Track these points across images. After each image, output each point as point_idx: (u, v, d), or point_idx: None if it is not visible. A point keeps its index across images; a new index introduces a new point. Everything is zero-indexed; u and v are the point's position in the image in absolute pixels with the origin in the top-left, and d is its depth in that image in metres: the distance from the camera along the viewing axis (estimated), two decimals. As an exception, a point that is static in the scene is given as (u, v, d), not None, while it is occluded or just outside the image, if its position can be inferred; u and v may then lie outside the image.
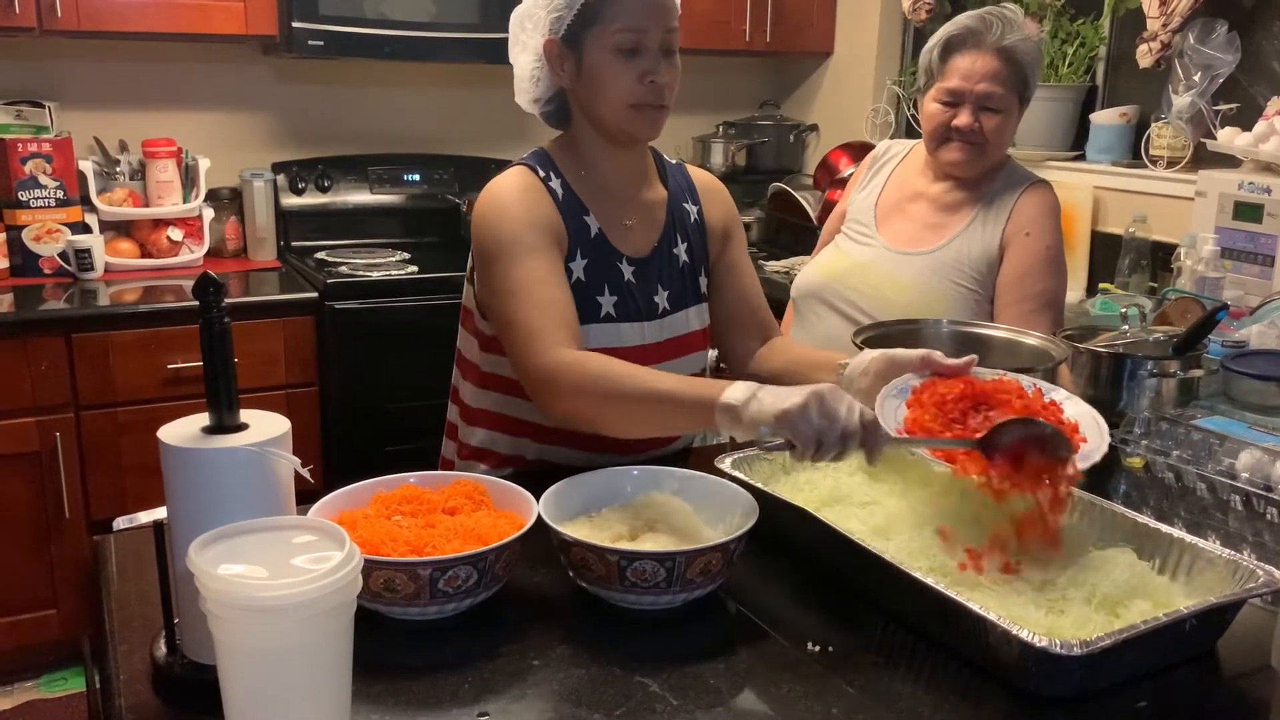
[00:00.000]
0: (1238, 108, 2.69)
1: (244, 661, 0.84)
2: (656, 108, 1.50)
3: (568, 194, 1.55)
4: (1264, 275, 2.46)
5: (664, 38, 1.49)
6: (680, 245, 1.64)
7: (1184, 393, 1.74)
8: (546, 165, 1.56)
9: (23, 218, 2.93)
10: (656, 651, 1.09)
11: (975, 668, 1.06)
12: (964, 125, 1.93)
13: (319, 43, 3.01)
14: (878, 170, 2.15)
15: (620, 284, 1.56)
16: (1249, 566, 1.11)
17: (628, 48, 1.47)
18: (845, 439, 1.16)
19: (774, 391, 1.21)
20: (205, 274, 0.99)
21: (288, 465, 1.00)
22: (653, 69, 1.48)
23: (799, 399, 1.16)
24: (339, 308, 2.92)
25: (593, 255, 1.54)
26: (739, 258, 1.73)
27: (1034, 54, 1.96)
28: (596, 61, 1.48)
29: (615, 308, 1.55)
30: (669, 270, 1.62)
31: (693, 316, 1.65)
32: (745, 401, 1.20)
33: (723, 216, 1.71)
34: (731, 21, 3.64)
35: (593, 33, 1.47)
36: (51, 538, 2.73)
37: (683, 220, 1.66)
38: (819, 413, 1.16)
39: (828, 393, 1.17)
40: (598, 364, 1.37)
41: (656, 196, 1.64)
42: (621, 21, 1.46)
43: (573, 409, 1.39)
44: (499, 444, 1.62)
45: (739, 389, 1.22)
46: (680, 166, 1.72)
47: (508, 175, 1.54)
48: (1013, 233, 1.95)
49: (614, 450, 1.52)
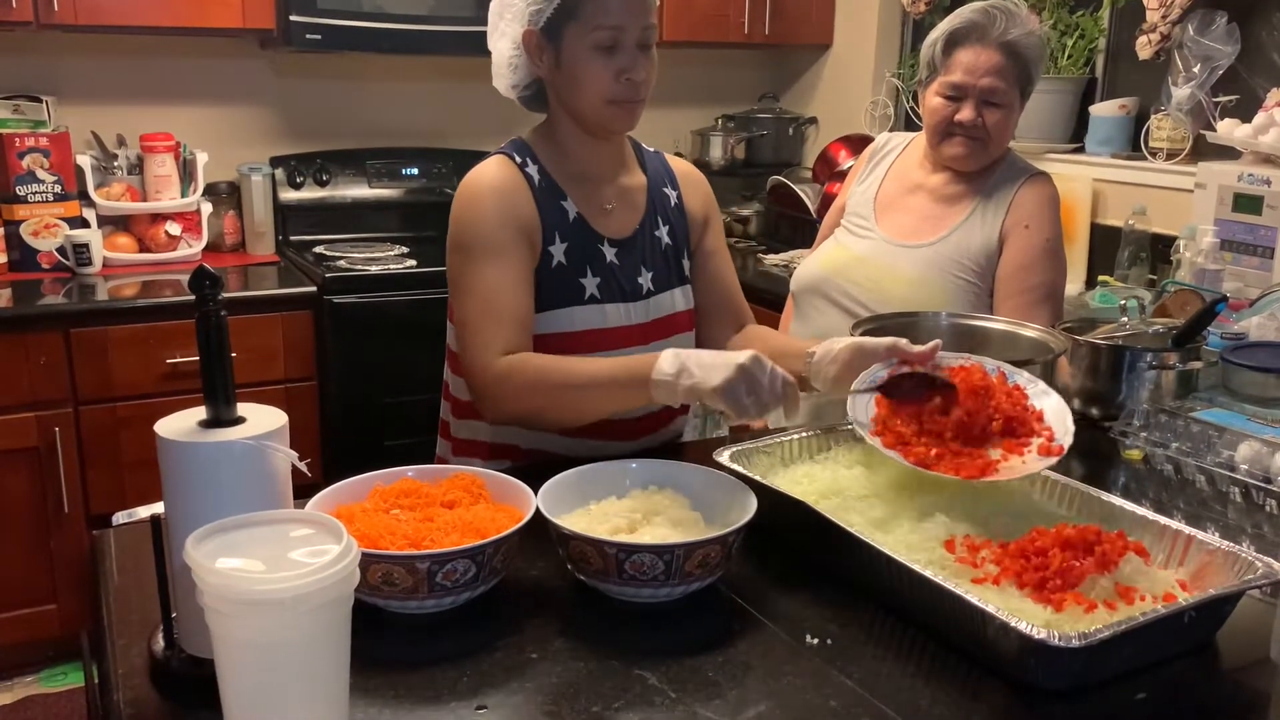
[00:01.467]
0: (1237, 99, 2.69)
1: (242, 655, 0.84)
2: (633, 102, 1.53)
3: (545, 180, 1.57)
4: (1263, 267, 2.45)
5: (641, 34, 1.51)
6: (662, 228, 1.67)
7: (1183, 385, 1.74)
8: (524, 152, 1.59)
9: (20, 213, 2.93)
10: (655, 644, 1.09)
11: (974, 660, 1.06)
12: (967, 120, 1.93)
13: (316, 36, 3.01)
14: (877, 163, 2.15)
15: (603, 266, 1.59)
16: (1248, 558, 1.11)
17: (606, 45, 1.49)
18: (768, 405, 1.32)
19: (701, 363, 1.33)
20: (201, 268, 0.99)
21: (285, 459, 1.00)
22: (630, 66, 1.50)
23: (726, 375, 1.29)
24: (337, 302, 2.92)
25: (572, 239, 1.57)
26: (717, 246, 1.76)
27: (1037, 49, 1.95)
28: (575, 56, 1.50)
29: (599, 289, 1.58)
30: (651, 252, 1.64)
31: (678, 297, 1.68)
32: (677, 375, 1.33)
33: (702, 204, 1.74)
34: (730, 14, 3.63)
35: (572, 27, 1.49)
36: (50, 533, 2.73)
37: (663, 204, 1.68)
38: (747, 389, 1.30)
39: (751, 364, 1.30)
40: (534, 364, 1.45)
41: (636, 182, 1.67)
42: (600, 19, 1.48)
43: (516, 411, 1.48)
44: (490, 434, 1.63)
45: (668, 362, 1.34)
46: (658, 154, 1.74)
47: (486, 166, 1.57)
48: (1012, 225, 1.94)
49: (606, 436, 1.56)
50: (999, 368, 1.41)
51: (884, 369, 1.40)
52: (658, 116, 3.93)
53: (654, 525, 1.20)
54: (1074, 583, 1.08)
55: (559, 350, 1.53)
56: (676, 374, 1.33)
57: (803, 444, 1.45)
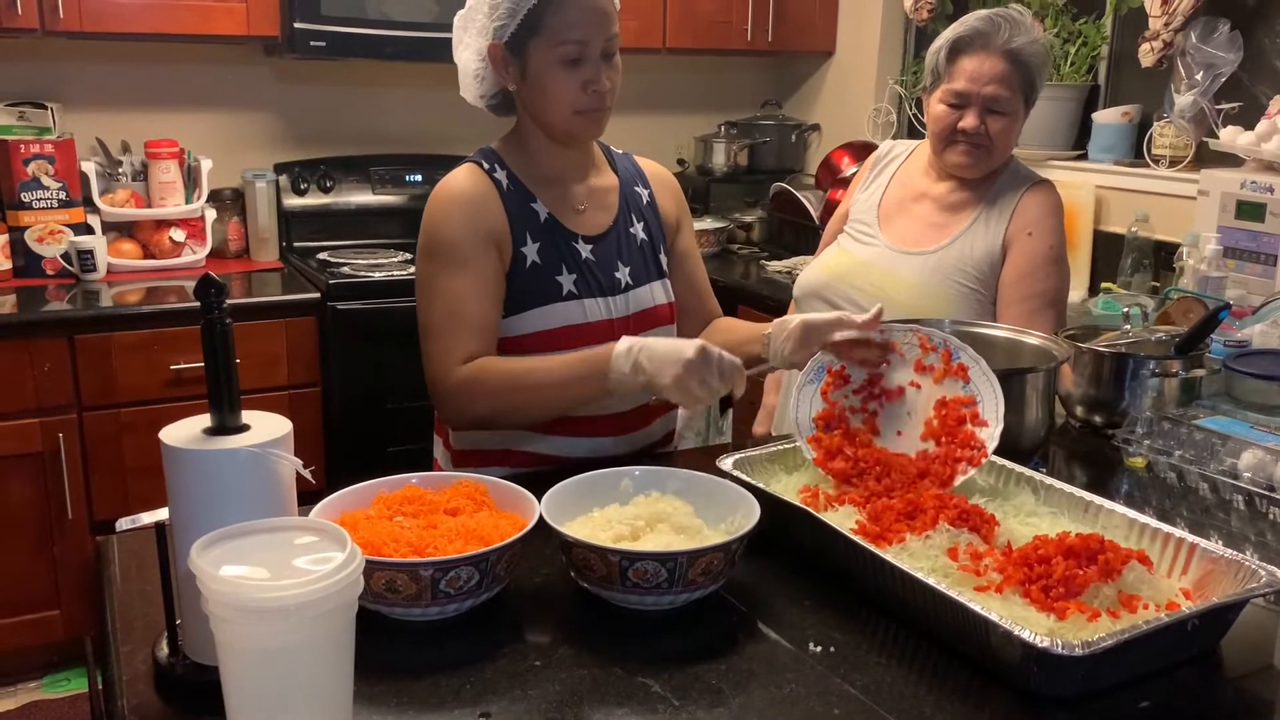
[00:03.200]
0: (1240, 107, 2.69)
1: (246, 662, 0.84)
2: (600, 110, 1.56)
3: (514, 184, 1.60)
4: (1266, 274, 2.45)
5: (605, 44, 1.53)
6: (636, 225, 1.69)
7: (1186, 392, 1.74)
8: (492, 159, 1.62)
9: (25, 219, 2.93)
10: (658, 652, 1.09)
11: (977, 668, 1.06)
12: (970, 127, 1.93)
13: (321, 43, 3.02)
14: (881, 170, 2.15)
15: (578, 262, 1.61)
16: (1251, 566, 1.11)
17: (571, 58, 1.52)
18: (716, 390, 1.38)
19: (652, 358, 1.39)
20: (206, 275, 0.99)
21: (289, 466, 1.00)
22: (595, 78, 1.53)
23: (675, 371, 1.36)
24: (341, 308, 2.92)
25: (545, 239, 1.59)
26: (690, 246, 1.80)
27: (1041, 56, 1.95)
28: (540, 70, 1.53)
29: (577, 285, 1.60)
30: (627, 247, 1.67)
31: (658, 290, 1.70)
32: (632, 371, 1.40)
33: (674, 203, 1.78)
34: (733, 21, 3.64)
35: (536, 42, 1.52)
36: (54, 538, 2.73)
37: (635, 202, 1.71)
38: (698, 381, 1.37)
39: (697, 357, 1.36)
40: (494, 367, 1.50)
41: (607, 183, 1.70)
42: (564, 33, 1.50)
43: (478, 414, 1.53)
44: (487, 441, 1.64)
45: (621, 359, 1.41)
46: (627, 155, 1.77)
47: (455, 175, 1.61)
48: (1015, 232, 1.94)
49: (595, 433, 1.61)
50: (945, 341, 1.46)
51: (832, 358, 1.51)
52: (660, 123, 3.97)
53: (657, 533, 1.20)
54: (1077, 591, 1.08)
55: (541, 349, 1.55)
56: (631, 371, 1.40)
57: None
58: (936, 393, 1.44)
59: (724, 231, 3.75)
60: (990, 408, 1.39)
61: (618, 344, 1.43)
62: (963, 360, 1.43)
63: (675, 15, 3.53)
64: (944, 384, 1.44)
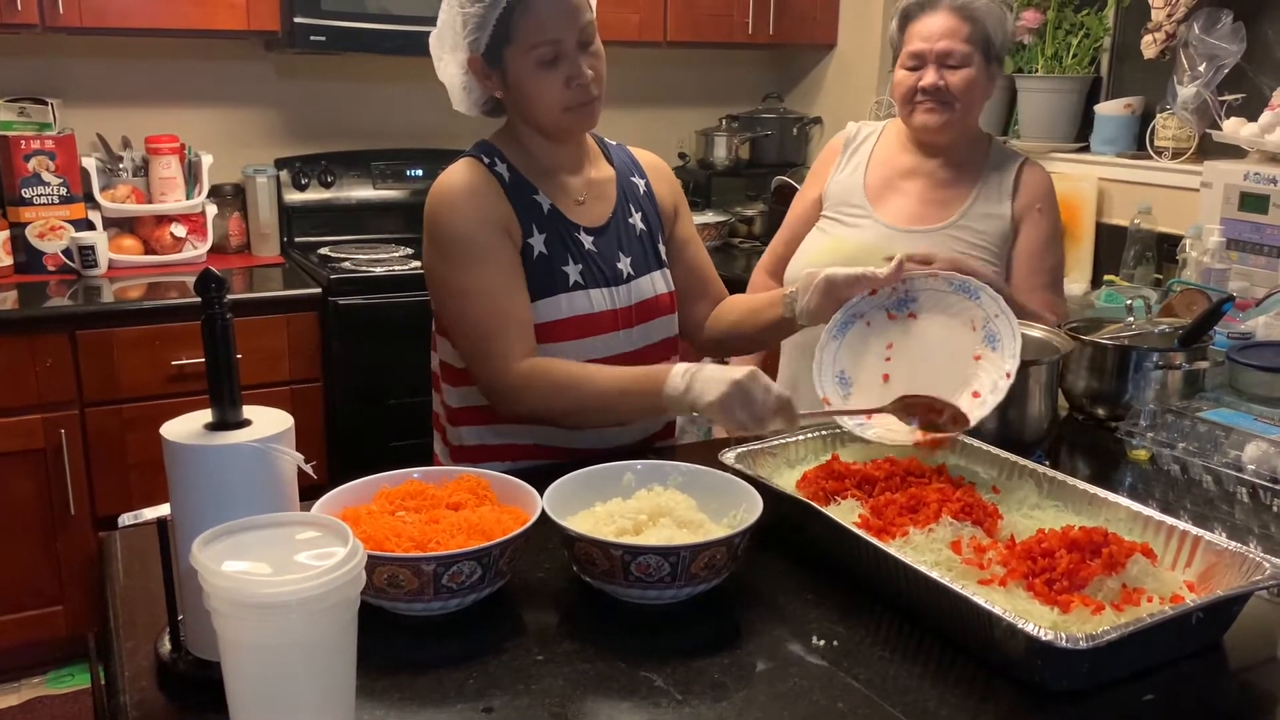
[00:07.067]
0: (1243, 98, 2.68)
1: (248, 658, 0.84)
2: (589, 102, 1.54)
3: (515, 176, 1.59)
4: (1270, 266, 2.45)
5: (580, 35, 1.51)
6: (635, 215, 1.69)
7: (1190, 385, 1.74)
8: (491, 153, 1.61)
9: (26, 215, 2.93)
10: (661, 646, 1.09)
11: (981, 661, 1.06)
12: (929, 84, 1.95)
13: (321, 38, 3.01)
14: (854, 151, 2.15)
15: (583, 252, 1.61)
16: (1255, 559, 1.10)
17: (549, 59, 1.50)
18: (763, 420, 1.36)
19: (705, 379, 1.38)
20: (207, 270, 0.99)
21: (291, 461, 1.00)
22: (576, 73, 1.51)
23: (721, 390, 1.35)
24: (342, 303, 2.92)
25: (550, 229, 1.59)
26: (690, 233, 1.80)
27: (993, 11, 1.96)
28: (521, 76, 1.52)
29: (582, 275, 1.60)
30: (627, 238, 1.66)
31: (658, 280, 1.70)
32: (684, 393, 1.39)
33: (670, 193, 1.78)
34: (734, 14, 3.63)
35: (510, 50, 1.51)
36: (57, 534, 2.74)
37: (633, 193, 1.71)
38: (741, 404, 1.35)
39: (747, 381, 1.35)
40: (556, 371, 1.49)
41: (603, 174, 1.69)
42: (536, 35, 1.49)
43: (537, 413, 1.52)
44: (488, 436, 1.64)
45: (677, 380, 1.40)
46: (621, 146, 1.77)
47: (455, 170, 1.59)
48: (1024, 207, 1.98)
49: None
50: (964, 283, 1.51)
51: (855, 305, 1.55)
52: (662, 116, 3.96)
53: (660, 527, 1.19)
54: (1081, 584, 1.08)
55: (550, 339, 1.55)
56: (684, 389, 1.40)
57: (808, 445, 1.45)
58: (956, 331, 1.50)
59: (725, 225, 3.75)
60: (1009, 346, 1.43)
61: (676, 364, 1.43)
62: (982, 299, 1.48)
63: (676, 8, 3.52)
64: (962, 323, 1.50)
